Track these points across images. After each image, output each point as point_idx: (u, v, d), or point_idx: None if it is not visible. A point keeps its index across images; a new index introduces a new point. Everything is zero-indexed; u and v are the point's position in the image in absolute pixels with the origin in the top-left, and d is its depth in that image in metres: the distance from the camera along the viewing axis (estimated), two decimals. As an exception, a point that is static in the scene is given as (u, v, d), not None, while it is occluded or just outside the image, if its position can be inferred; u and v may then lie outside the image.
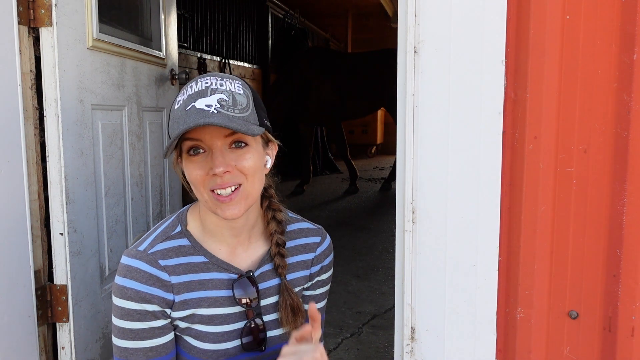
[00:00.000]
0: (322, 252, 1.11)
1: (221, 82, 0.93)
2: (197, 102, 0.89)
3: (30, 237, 1.55)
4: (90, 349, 1.72)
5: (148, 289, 0.93)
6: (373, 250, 3.86)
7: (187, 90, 0.93)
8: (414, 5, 1.15)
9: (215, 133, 0.90)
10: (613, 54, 1.07)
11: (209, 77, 0.93)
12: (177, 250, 0.98)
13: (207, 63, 5.18)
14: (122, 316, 0.94)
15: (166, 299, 0.95)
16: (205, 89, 0.91)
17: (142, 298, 0.93)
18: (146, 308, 0.93)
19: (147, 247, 0.97)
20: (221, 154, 0.90)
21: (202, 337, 0.98)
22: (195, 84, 0.93)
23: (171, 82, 2.43)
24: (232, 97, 0.91)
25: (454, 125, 1.15)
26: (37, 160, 1.59)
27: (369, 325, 2.56)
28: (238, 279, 0.99)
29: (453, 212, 1.17)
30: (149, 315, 0.94)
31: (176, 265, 0.97)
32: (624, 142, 1.08)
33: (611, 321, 1.12)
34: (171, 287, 0.95)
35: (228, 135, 0.91)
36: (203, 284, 0.98)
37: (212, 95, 0.90)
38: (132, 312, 0.93)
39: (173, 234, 1.00)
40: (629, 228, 1.09)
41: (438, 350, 1.22)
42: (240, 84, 0.95)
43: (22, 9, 1.51)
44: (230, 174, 0.90)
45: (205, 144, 0.91)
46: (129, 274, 0.93)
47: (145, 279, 0.93)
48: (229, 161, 0.90)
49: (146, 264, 0.94)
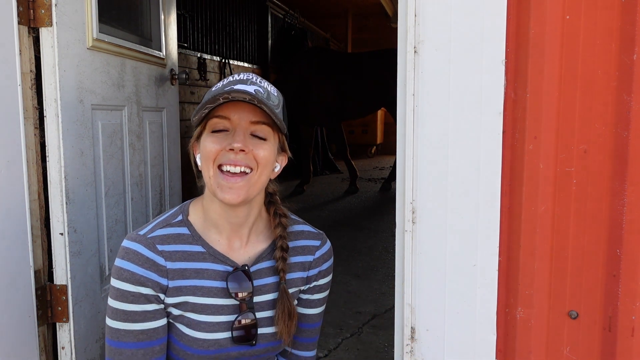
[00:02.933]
0: (320, 256, 1.12)
1: (260, 80, 1.00)
2: (237, 86, 0.95)
3: (30, 237, 1.55)
4: (90, 349, 1.72)
5: (143, 272, 0.96)
6: (373, 250, 3.86)
7: (227, 78, 1.00)
8: (414, 5, 1.15)
9: (243, 115, 0.95)
10: (613, 54, 1.07)
11: (248, 74, 1.01)
12: (176, 237, 1.01)
13: (207, 63, 5.17)
14: (116, 297, 0.96)
15: (160, 283, 0.97)
16: (246, 79, 0.98)
17: (137, 280, 0.95)
18: (140, 291, 0.95)
19: (147, 231, 1.00)
20: (243, 134, 0.95)
21: (194, 325, 0.99)
22: (237, 75, 1.00)
23: (171, 82, 2.43)
24: (267, 93, 0.97)
25: (454, 125, 1.15)
26: (37, 160, 1.59)
27: (369, 325, 2.56)
28: (233, 271, 1.01)
29: (453, 212, 1.17)
30: (142, 298, 0.96)
31: (173, 252, 0.99)
32: (624, 142, 1.08)
33: (611, 321, 1.12)
34: (166, 272, 0.98)
35: (254, 122, 0.96)
36: (198, 272, 1.00)
37: (251, 85, 0.96)
38: (127, 293, 0.95)
39: (174, 222, 1.03)
40: (629, 228, 1.09)
41: (438, 350, 1.22)
42: (275, 89, 1.03)
43: (22, 9, 1.51)
44: (245, 155, 0.94)
45: (231, 124, 0.95)
46: (126, 256, 0.96)
47: (142, 262, 0.96)
48: (247, 143, 0.95)
49: (144, 247, 0.97)
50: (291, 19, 7.72)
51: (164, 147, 2.36)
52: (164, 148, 2.36)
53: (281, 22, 7.54)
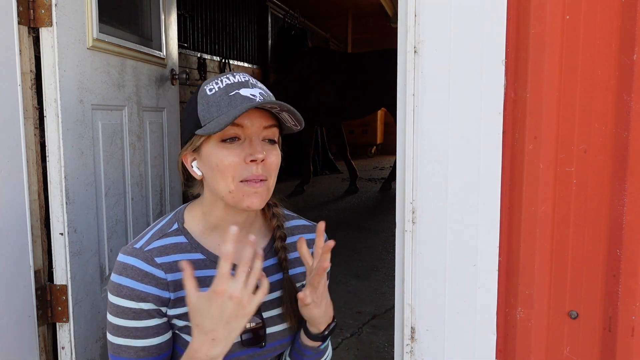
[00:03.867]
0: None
1: (254, 80, 0.98)
2: (242, 91, 0.92)
3: (30, 237, 1.55)
4: (90, 349, 1.72)
5: (143, 287, 0.92)
6: (373, 250, 3.86)
7: (222, 80, 0.95)
8: (414, 5, 1.15)
9: (256, 122, 0.92)
10: (613, 54, 1.07)
11: (239, 73, 0.98)
12: (174, 247, 0.98)
13: (207, 63, 5.18)
14: (117, 314, 0.93)
15: (162, 297, 0.94)
16: (246, 82, 0.95)
17: (137, 296, 0.92)
18: (141, 306, 0.93)
19: (143, 244, 0.96)
20: (260, 141, 0.93)
21: None
22: (232, 76, 0.96)
23: (171, 82, 2.43)
24: (268, 93, 0.96)
25: (454, 125, 1.15)
26: (37, 160, 1.59)
27: (369, 325, 2.56)
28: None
29: (453, 212, 1.17)
30: (144, 314, 0.93)
31: (173, 263, 0.96)
32: (624, 142, 1.08)
33: (611, 321, 1.12)
34: (167, 284, 0.95)
35: (266, 127, 0.93)
36: (201, 281, 0.97)
37: (254, 88, 0.94)
38: (127, 310, 0.93)
39: (170, 231, 0.99)
40: (629, 228, 1.09)
41: (438, 350, 1.22)
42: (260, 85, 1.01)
43: (22, 9, 1.51)
44: (264, 165, 0.92)
45: (245, 132, 0.92)
46: (124, 272, 0.93)
47: (141, 277, 0.93)
48: (264, 151, 0.92)
49: (142, 261, 0.94)
50: (291, 19, 7.73)
51: (165, 147, 2.36)
52: (165, 148, 2.36)
53: (281, 22, 7.54)
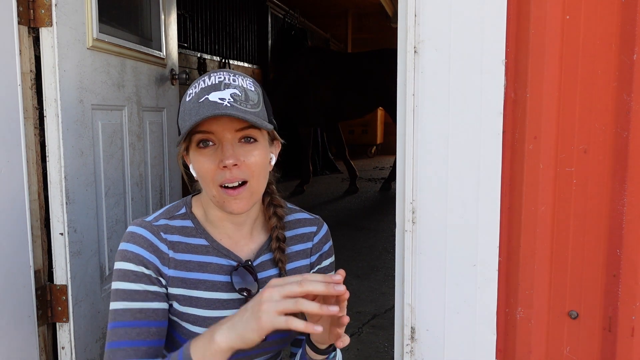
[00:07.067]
0: (319, 241, 1.12)
1: (234, 77, 0.95)
2: (211, 95, 0.91)
3: (30, 237, 1.55)
4: (90, 349, 1.72)
5: (147, 255, 0.96)
6: (373, 250, 3.86)
7: (199, 83, 0.95)
8: (414, 5, 1.15)
9: (226, 126, 0.92)
10: (613, 54, 1.07)
11: (222, 72, 0.96)
12: (180, 229, 1.01)
13: (207, 63, 5.18)
14: (118, 277, 0.96)
15: (161, 270, 0.97)
16: (219, 83, 0.93)
17: (140, 260, 0.95)
18: (143, 270, 0.95)
19: (152, 219, 1.01)
20: (231, 146, 0.92)
21: (200, 321, 0.99)
22: (209, 78, 0.95)
23: (171, 82, 2.43)
24: (244, 92, 0.94)
25: (454, 125, 1.15)
26: (37, 160, 1.59)
27: (369, 325, 2.56)
28: (236, 267, 1.00)
29: (453, 212, 1.17)
30: (145, 278, 0.96)
31: (177, 242, 0.99)
32: (624, 142, 1.08)
33: (611, 321, 1.12)
34: (168, 260, 0.98)
35: (239, 130, 0.93)
36: (202, 266, 1.00)
37: (226, 90, 0.92)
38: (129, 272, 0.95)
39: (177, 214, 1.03)
40: (629, 228, 1.09)
41: (438, 350, 1.22)
42: (251, 82, 0.98)
43: (22, 9, 1.51)
44: (239, 169, 0.92)
45: (216, 137, 0.93)
46: (132, 239, 0.97)
47: (147, 246, 0.96)
48: (238, 155, 0.92)
49: (149, 232, 0.98)
50: (291, 19, 7.73)
51: (164, 147, 2.36)
52: (164, 148, 2.36)
53: (281, 22, 7.54)
